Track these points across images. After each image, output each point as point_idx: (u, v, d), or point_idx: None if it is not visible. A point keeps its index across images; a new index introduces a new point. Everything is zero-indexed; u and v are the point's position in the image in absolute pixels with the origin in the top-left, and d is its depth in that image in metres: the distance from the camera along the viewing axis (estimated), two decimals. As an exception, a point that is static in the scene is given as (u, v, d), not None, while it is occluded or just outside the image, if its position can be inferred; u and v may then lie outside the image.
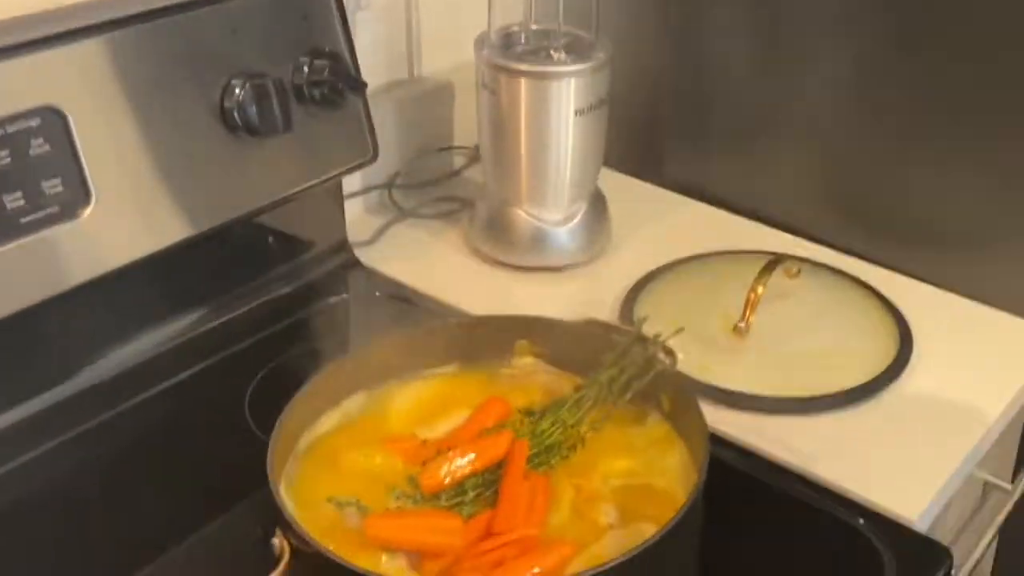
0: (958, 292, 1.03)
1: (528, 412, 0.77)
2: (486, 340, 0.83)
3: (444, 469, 0.70)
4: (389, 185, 1.27)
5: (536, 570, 0.65)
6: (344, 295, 1.11)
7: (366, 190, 1.25)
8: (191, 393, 0.98)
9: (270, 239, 1.10)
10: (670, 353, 0.78)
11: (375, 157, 1.10)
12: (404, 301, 1.10)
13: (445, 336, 0.83)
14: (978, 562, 0.92)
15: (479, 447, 0.72)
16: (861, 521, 0.80)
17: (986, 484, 0.96)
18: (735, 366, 0.93)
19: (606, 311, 1.05)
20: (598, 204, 1.14)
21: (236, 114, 0.96)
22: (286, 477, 0.74)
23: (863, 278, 1.04)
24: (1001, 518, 0.89)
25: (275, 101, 0.96)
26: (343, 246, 1.16)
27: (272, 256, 1.11)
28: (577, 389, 0.77)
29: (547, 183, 1.10)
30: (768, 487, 0.81)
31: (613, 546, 0.67)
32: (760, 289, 0.96)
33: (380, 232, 1.21)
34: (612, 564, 0.61)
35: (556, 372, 0.82)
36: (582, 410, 0.75)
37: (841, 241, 1.11)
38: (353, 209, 1.21)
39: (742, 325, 0.95)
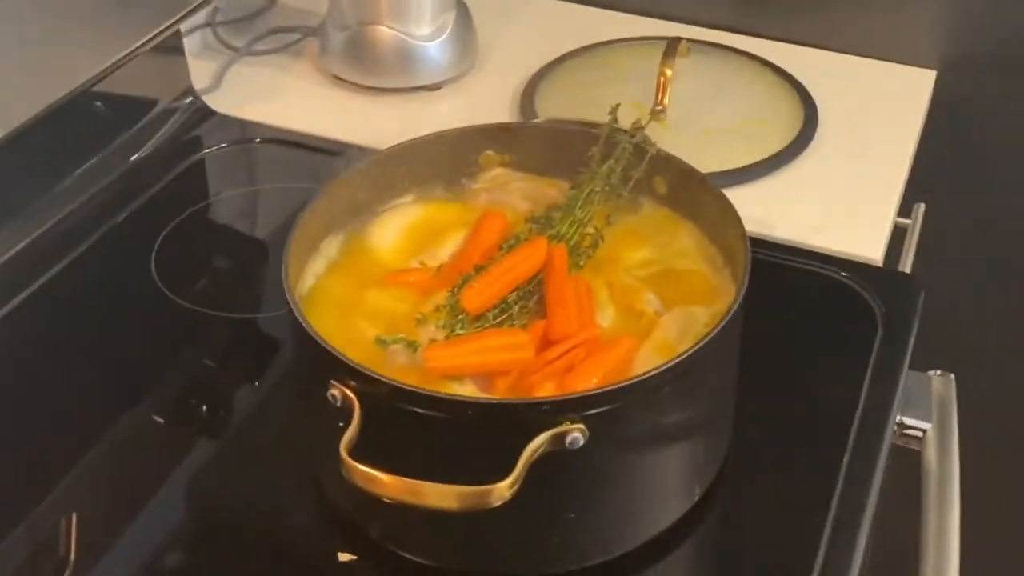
0: (841, 51, 1.08)
1: (533, 220, 0.74)
2: (449, 157, 0.78)
3: (486, 287, 0.67)
4: (212, 24, 1.15)
5: (608, 367, 0.64)
6: (222, 145, 1.02)
7: (187, 32, 1.13)
8: (86, 271, 0.89)
9: (100, 103, 0.98)
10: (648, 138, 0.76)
11: (225, -13, 0.99)
12: (287, 144, 1.02)
13: (406, 160, 0.77)
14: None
15: (516, 259, 0.68)
16: (836, 270, 0.84)
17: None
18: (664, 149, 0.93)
19: (503, 116, 1.02)
20: (463, 13, 1.08)
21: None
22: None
23: (749, 50, 1.07)
24: (911, 256, 0.96)
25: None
26: (191, 95, 1.05)
27: (115, 120, 0.99)
28: (575, 187, 0.74)
29: (410, -7, 1.04)
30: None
31: (674, 330, 0.67)
32: (668, 72, 0.96)
33: (219, 76, 1.11)
34: (710, 336, 0.61)
35: (530, 177, 0.78)
36: (593, 205, 0.72)
37: (709, 19, 1.12)
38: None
39: (659, 108, 0.95)
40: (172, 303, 0.84)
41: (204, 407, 0.79)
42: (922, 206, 0.99)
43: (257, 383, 0.82)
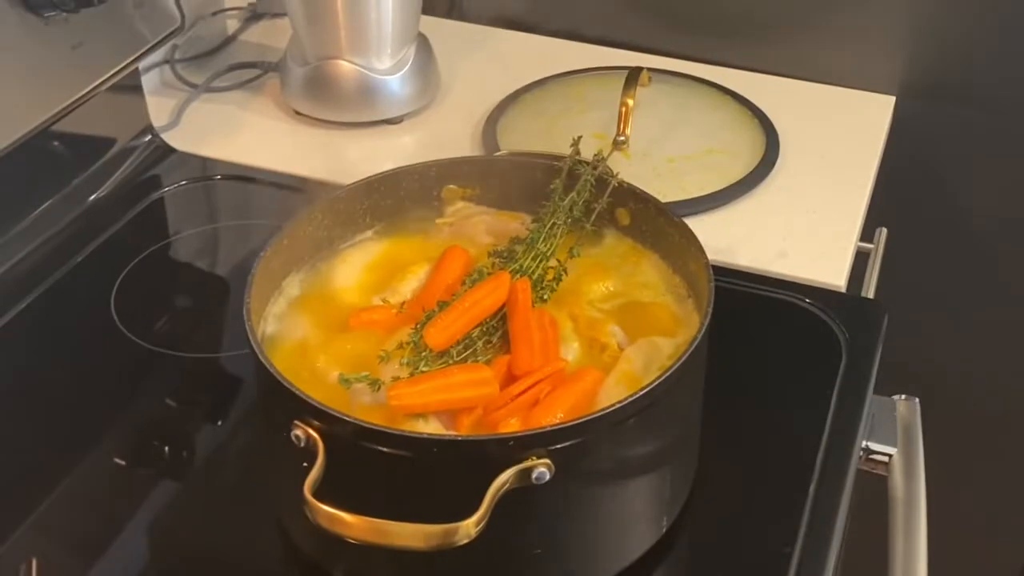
0: (801, 78, 1.09)
1: (496, 254, 0.73)
2: (411, 192, 0.78)
3: (449, 323, 0.66)
4: (170, 61, 1.15)
5: (573, 400, 0.64)
6: (182, 183, 1.01)
7: (146, 70, 1.13)
8: (46, 312, 0.87)
9: (57, 143, 0.96)
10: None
11: (183, 24, 0.98)
12: (247, 180, 1.01)
13: (368, 196, 0.77)
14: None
15: (479, 294, 0.68)
16: (800, 296, 0.84)
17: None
18: (627, 179, 0.93)
19: (465, 149, 1.02)
20: (424, 46, 1.08)
21: (41, -13, 0.83)
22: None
23: (709, 78, 1.07)
24: (874, 280, 0.97)
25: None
26: (149, 133, 1.04)
27: (73, 159, 0.98)
28: (537, 220, 0.74)
29: (370, 27, 1.04)
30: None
31: (638, 361, 0.67)
32: (630, 101, 0.96)
33: (178, 113, 1.10)
34: (675, 367, 0.61)
35: (493, 211, 0.78)
36: (556, 238, 0.72)
37: (669, 48, 1.13)
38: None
39: (621, 139, 0.95)
40: (132, 343, 0.83)
41: (165, 448, 0.78)
42: (884, 230, 1.00)
43: (219, 423, 0.81)
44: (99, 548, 0.70)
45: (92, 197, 0.97)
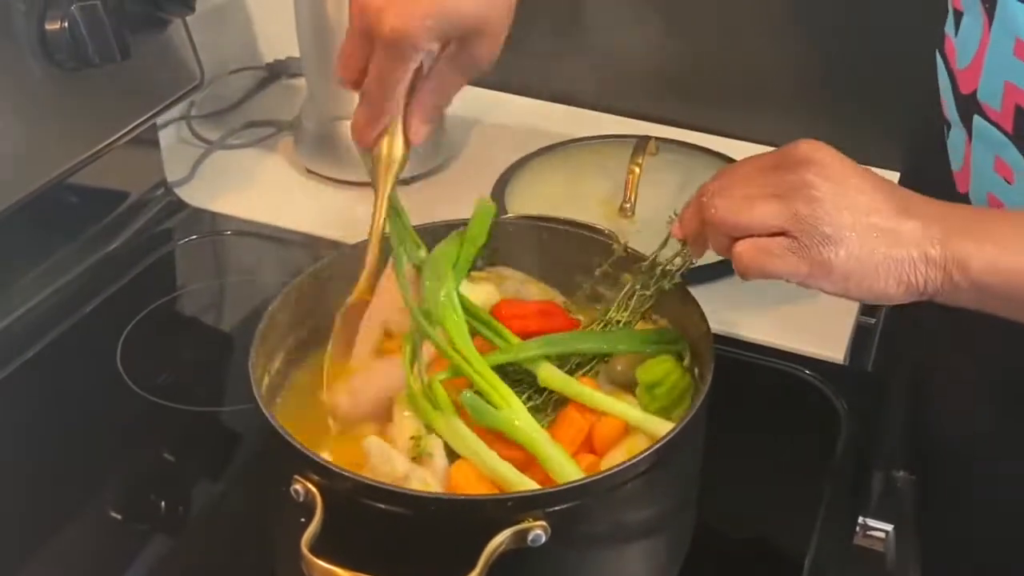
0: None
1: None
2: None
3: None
4: (187, 117, 1.17)
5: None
6: (193, 237, 1.02)
7: (162, 125, 1.15)
8: (52, 362, 0.88)
9: (73, 194, 0.97)
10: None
11: (202, 81, 1.00)
12: (258, 237, 1.03)
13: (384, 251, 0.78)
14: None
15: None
16: (800, 368, 0.85)
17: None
18: (632, 246, 0.94)
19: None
20: (436, 109, 1.10)
21: (63, 42, 0.84)
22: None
23: (714, 148, 1.09)
24: (872, 351, 0.98)
25: (107, 23, 0.85)
26: (163, 187, 1.06)
27: (87, 211, 0.99)
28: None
29: (384, 92, 1.06)
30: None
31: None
32: (637, 170, 0.98)
33: (193, 169, 1.12)
34: (672, 433, 0.61)
35: (497, 271, 0.79)
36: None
37: (677, 119, 1.14)
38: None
39: (627, 206, 0.97)
40: (136, 395, 0.84)
41: (163, 503, 0.78)
42: (884, 306, 1.00)
43: (218, 478, 0.81)
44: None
45: (104, 249, 0.98)
